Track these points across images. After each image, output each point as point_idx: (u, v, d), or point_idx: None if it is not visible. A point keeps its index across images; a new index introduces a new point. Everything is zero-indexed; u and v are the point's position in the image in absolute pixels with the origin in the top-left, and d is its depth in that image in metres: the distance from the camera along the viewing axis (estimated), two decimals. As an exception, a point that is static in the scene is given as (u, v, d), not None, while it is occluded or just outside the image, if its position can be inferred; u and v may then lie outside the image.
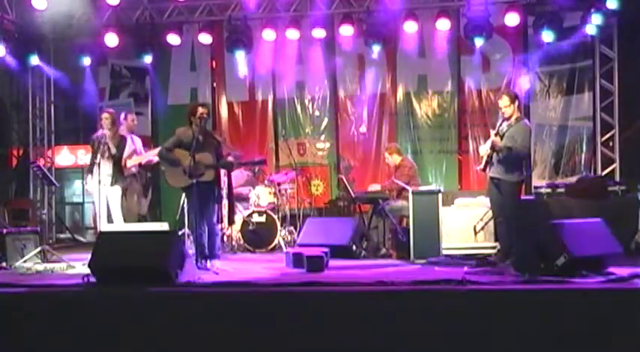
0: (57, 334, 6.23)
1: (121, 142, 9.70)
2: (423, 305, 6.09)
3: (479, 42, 11.82)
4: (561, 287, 6.20)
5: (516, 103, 8.49)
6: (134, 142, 10.67)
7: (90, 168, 9.62)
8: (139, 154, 10.35)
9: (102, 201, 9.46)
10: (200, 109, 8.42)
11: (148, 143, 11.78)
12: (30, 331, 6.30)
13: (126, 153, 10.07)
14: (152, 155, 10.27)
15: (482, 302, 6.07)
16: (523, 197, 9.59)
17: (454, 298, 6.15)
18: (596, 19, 11.26)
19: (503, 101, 8.48)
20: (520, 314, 5.82)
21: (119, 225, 9.56)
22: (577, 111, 12.21)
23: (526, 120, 8.70)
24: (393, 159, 10.87)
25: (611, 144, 12.09)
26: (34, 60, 12.67)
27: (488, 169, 8.59)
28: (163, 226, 9.61)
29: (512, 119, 8.45)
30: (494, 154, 8.45)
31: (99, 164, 9.40)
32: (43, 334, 6.25)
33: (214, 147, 8.48)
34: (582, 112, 12.19)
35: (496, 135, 8.42)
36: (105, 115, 9.73)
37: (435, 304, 6.09)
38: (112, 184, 9.61)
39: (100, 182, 9.36)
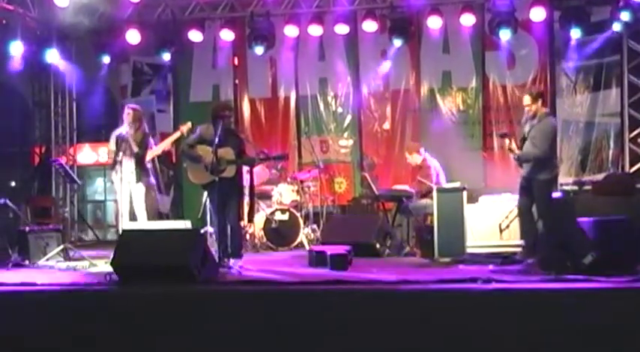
0: (79, 332, 6.23)
1: (144, 140, 9.68)
2: (448, 304, 6.06)
3: (504, 37, 11.72)
4: (589, 285, 6.13)
5: (539, 102, 8.43)
6: None
7: (113, 165, 9.62)
8: (150, 148, 10.32)
9: (124, 199, 9.49)
10: (227, 111, 8.51)
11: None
12: (52, 329, 6.29)
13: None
14: (166, 145, 10.31)
15: (509, 300, 6.02)
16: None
17: (480, 297, 6.09)
18: (624, 16, 11.07)
19: (525, 100, 8.47)
20: (547, 313, 5.76)
21: (142, 223, 9.55)
22: (604, 107, 12.02)
23: (550, 119, 8.58)
24: (414, 159, 10.82)
25: (639, 140, 11.90)
26: (55, 58, 12.67)
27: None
28: (186, 224, 9.67)
29: (536, 119, 8.40)
30: None
31: (121, 162, 9.41)
32: (65, 332, 6.25)
33: (236, 144, 8.50)
34: (610, 108, 12.01)
35: (512, 143, 8.43)
36: (128, 111, 9.72)
37: (461, 303, 6.05)
38: (136, 181, 9.61)
39: (122, 180, 9.40)
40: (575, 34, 11.52)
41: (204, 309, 6.28)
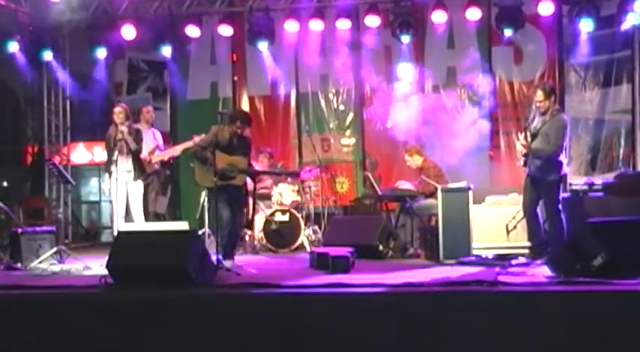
0: (73, 336, 6.16)
1: (137, 136, 9.58)
2: (453, 307, 5.95)
3: (510, 32, 11.57)
4: (598, 288, 5.99)
5: (552, 98, 8.30)
6: (155, 137, 10.64)
7: (108, 167, 9.52)
8: (161, 149, 10.26)
9: (120, 199, 9.38)
10: (238, 122, 8.52)
11: (167, 139, 11.61)
12: (46, 333, 6.22)
13: (148, 149, 9.99)
14: (176, 151, 10.41)
15: (516, 303, 5.93)
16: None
17: (486, 300, 6.01)
18: (638, 7, 10.85)
19: (538, 95, 8.30)
20: (555, 316, 5.62)
21: (137, 225, 9.49)
22: (615, 104, 11.79)
23: (563, 115, 8.43)
24: (415, 161, 10.66)
25: (651, 138, 11.73)
26: (48, 54, 12.56)
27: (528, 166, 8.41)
28: (183, 225, 9.53)
29: (548, 114, 8.26)
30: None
31: (116, 161, 9.31)
32: (59, 336, 6.18)
33: (247, 151, 8.66)
34: (620, 105, 11.77)
35: (525, 138, 8.27)
36: (118, 109, 9.63)
37: (466, 306, 5.94)
38: (134, 179, 9.58)
39: (117, 180, 9.30)
40: (585, 27, 11.32)
41: (201, 312, 6.17)
